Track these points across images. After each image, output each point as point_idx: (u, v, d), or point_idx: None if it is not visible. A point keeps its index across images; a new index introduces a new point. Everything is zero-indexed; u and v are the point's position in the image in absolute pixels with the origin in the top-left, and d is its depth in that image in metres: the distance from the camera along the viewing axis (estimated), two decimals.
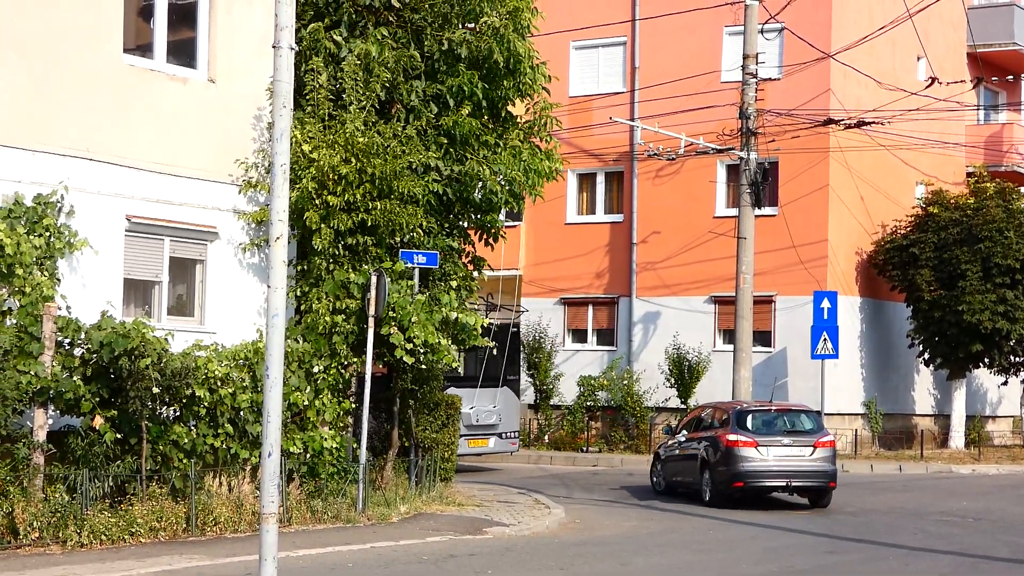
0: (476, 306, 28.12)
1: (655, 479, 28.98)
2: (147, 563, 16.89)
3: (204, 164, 22.10)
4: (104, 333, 18.82)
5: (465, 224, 26.60)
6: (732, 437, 25.77)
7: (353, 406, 22.87)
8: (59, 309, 19.10)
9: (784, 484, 25.88)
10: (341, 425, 22.65)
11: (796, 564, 18.32)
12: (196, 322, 22.26)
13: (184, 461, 19.90)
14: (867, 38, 37.14)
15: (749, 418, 26.41)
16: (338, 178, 22.70)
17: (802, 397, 38.62)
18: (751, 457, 25.65)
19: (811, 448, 25.93)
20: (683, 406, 38.93)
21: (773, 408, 27.64)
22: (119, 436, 19.18)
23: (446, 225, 25.69)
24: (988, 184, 40.42)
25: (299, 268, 23.21)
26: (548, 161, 26.08)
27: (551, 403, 41.40)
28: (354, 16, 24.85)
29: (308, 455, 21.77)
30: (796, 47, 38.18)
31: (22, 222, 19.32)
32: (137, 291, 21.70)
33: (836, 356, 37.73)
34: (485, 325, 24.39)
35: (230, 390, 20.34)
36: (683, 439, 27.90)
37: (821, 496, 26.21)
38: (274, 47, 10.64)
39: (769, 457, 25.71)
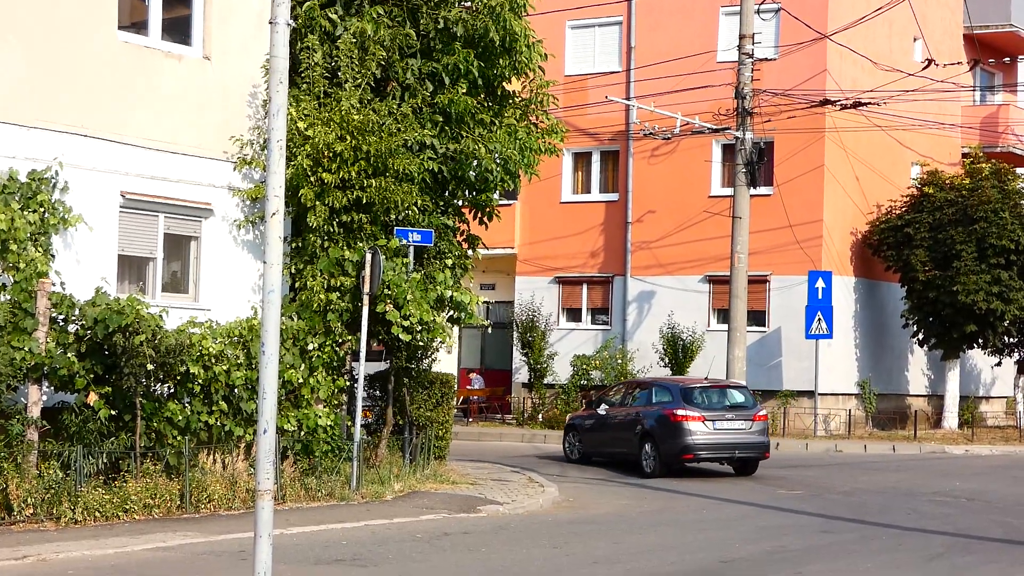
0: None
1: (568, 448, 30.70)
2: (141, 540, 16.90)
3: (199, 141, 22.05)
4: (98, 309, 18.80)
5: (460, 202, 26.55)
6: (681, 412, 27.22)
7: (347, 384, 22.87)
8: (53, 285, 19.08)
9: (730, 455, 27.77)
10: (336, 403, 22.64)
11: (789, 543, 18.34)
12: (190, 299, 22.23)
13: (178, 438, 19.90)
14: (864, 19, 37.10)
15: (694, 394, 27.93)
16: (333, 155, 22.65)
17: (796, 377, 38.76)
18: (699, 431, 27.20)
19: (751, 421, 27.79)
20: None
21: (714, 384, 29.01)
22: (113, 413, 19.17)
23: (441, 203, 25.64)
24: (984, 165, 40.45)
25: (294, 245, 23.18)
26: (551, 135, 26.13)
27: (545, 382, 41.40)
28: None
29: (302, 433, 21.77)
30: (792, 27, 38.14)
31: (16, 198, 19.27)
32: (131, 267, 21.66)
33: (830, 336, 37.81)
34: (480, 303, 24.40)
35: (224, 367, 20.34)
36: (604, 412, 29.61)
37: (752, 466, 28.29)
38: (271, 22, 10.60)
39: (715, 430, 27.39)
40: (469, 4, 25.15)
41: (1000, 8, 45.55)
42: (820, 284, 37.49)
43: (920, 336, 40.74)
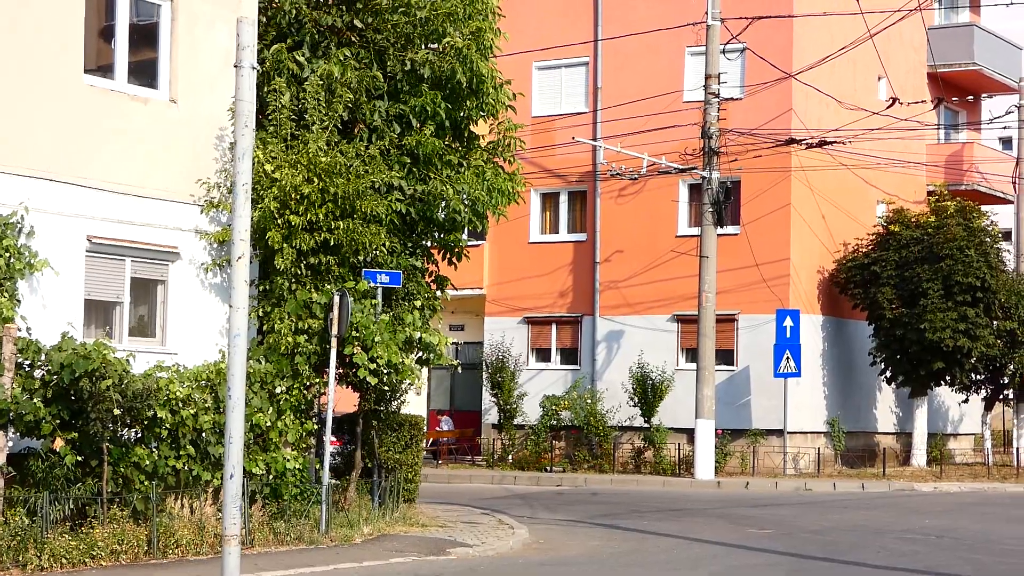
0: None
1: None
2: None
3: (166, 184, 22.01)
4: (65, 355, 18.70)
5: (428, 243, 26.54)
6: None
7: (316, 427, 22.78)
8: (19, 331, 18.96)
9: None
10: (304, 446, 22.55)
11: None
12: (157, 343, 22.14)
13: (146, 483, 19.75)
14: (828, 58, 37.34)
15: None
16: (300, 198, 22.63)
17: (765, 415, 38.80)
18: None
19: None
20: (647, 425, 38.94)
21: None
22: (80, 458, 19.03)
23: (409, 244, 25.64)
24: (949, 203, 40.65)
25: (261, 288, 23.12)
26: (511, 183, 26.11)
27: (515, 422, 41.31)
28: (317, 36, 24.83)
29: (271, 476, 21.64)
30: (758, 67, 38.33)
31: None
32: (98, 312, 21.57)
33: (799, 374, 37.87)
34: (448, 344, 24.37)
35: (192, 411, 20.22)
36: None
37: None
38: (236, 67, 10.61)
39: None
40: (436, 46, 25.21)
41: (963, 47, 45.91)
42: (788, 323, 37.57)
43: (888, 374, 40.83)
